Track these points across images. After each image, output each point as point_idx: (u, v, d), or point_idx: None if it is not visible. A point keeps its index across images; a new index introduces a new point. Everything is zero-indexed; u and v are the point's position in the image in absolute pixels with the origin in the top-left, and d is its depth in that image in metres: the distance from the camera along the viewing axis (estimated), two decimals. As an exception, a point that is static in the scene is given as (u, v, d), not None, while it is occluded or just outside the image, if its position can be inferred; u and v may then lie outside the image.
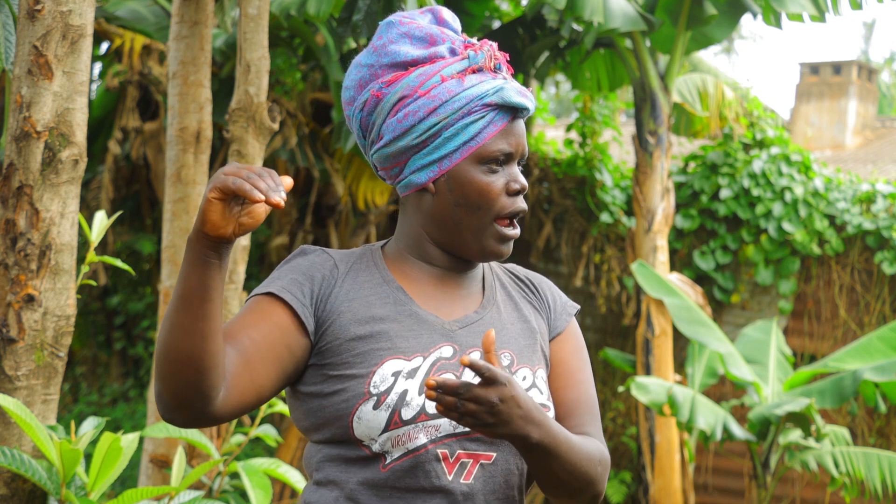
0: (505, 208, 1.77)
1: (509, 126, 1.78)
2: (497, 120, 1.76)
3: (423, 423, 1.68)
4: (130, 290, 10.62)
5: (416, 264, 1.82)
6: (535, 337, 1.83)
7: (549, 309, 1.88)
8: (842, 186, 9.23)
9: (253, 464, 3.20)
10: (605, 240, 9.78)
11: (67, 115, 2.55)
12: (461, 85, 1.75)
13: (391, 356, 1.71)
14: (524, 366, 1.78)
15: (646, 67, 8.10)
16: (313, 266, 1.78)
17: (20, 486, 2.55)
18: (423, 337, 1.74)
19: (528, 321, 1.84)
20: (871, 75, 15.44)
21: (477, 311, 1.81)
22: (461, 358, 1.57)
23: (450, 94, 1.75)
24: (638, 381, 6.95)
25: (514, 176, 1.78)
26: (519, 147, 1.79)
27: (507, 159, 1.78)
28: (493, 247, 1.78)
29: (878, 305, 8.97)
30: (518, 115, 1.79)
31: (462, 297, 1.82)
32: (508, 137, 1.77)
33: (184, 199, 4.01)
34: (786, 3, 7.53)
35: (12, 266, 2.54)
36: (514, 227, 1.80)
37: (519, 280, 1.91)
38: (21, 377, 2.55)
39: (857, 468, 6.81)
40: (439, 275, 1.82)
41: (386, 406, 1.68)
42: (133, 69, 8.91)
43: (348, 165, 9.30)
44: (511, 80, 1.80)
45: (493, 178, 1.77)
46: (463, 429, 1.70)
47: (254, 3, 3.70)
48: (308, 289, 1.75)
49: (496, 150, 1.76)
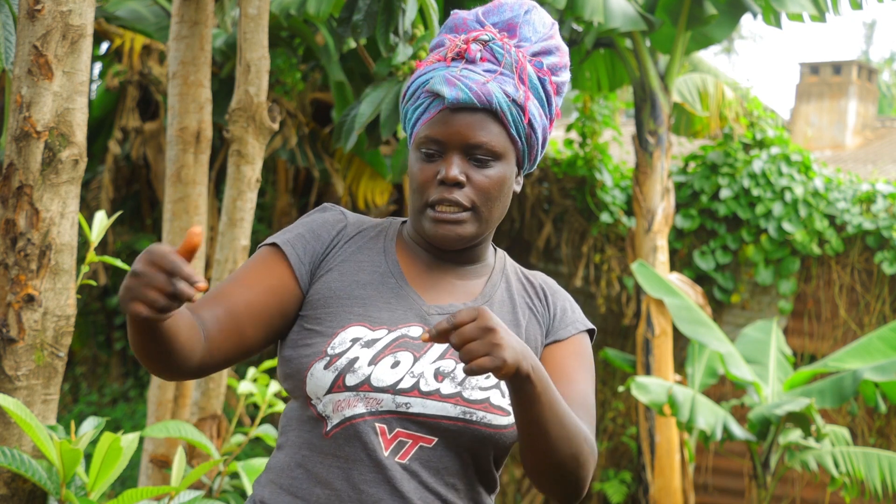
0: (432, 196, 1.76)
1: (443, 114, 1.75)
2: (432, 107, 1.77)
3: (364, 393, 1.70)
4: (130, 290, 10.61)
5: (415, 247, 1.85)
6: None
7: (552, 318, 1.85)
8: (842, 186, 9.23)
9: (253, 464, 3.20)
10: (605, 240, 9.77)
11: (67, 115, 2.55)
12: (420, 71, 1.79)
13: (358, 322, 1.74)
14: None
15: (646, 67, 8.10)
16: (325, 224, 1.84)
17: (20, 486, 2.55)
18: (396, 312, 1.76)
19: (518, 325, 1.82)
20: (871, 75, 15.44)
21: (466, 303, 1.81)
22: (421, 335, 1.54)
23: (412, 80, 1.80)
24: (638, 381, 6.95)
25: (447, 165, 1.75)
26: (453, 137, 1.74)
27: (441, 147, 1.76)
28: (428, 229, 1.77)
29: (878, 305, 8.97)
30: (454, 103, 1.74)
31: (456, 287, 1.83)
32: (439, 125, 1.75)
33: (184, 199, 4.01)
34: (786, 3, 7.53)
35: (12, 266, 2.54)
36: (445, 211, 1.76)
37: (530, 285, 1.89)
38: (21, 377, 2.55)
39: (857, 468, 6.81)
40: (432, 260, 1.83)
41: (334, 368, 1.71)
42: (133, 69, 8.92)
43: (348, 165, 9.30)
44: (473, 69, 1.75)
45: (424, 165, 1.77)
46: (406, 409, 1.70)
47: (254, 3, 3.70)
48: (311, 246, 1.81)
49: (423, 136, 1.77)
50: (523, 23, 1.80)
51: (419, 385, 1.71)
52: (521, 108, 1.76)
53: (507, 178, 1.79)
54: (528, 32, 1.79)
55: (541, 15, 1.82)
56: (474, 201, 1.76)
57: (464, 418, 1.71)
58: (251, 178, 3.72)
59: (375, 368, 1.71)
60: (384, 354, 1.72)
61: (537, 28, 1.80)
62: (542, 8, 1.84)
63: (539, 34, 1.80)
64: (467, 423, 1.71)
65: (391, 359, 1.72)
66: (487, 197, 1.76)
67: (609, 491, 9.19)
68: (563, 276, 9.92)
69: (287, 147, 8.62)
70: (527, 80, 1.77)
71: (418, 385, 1.71)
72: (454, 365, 1.73)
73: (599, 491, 9.44)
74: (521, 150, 1.80)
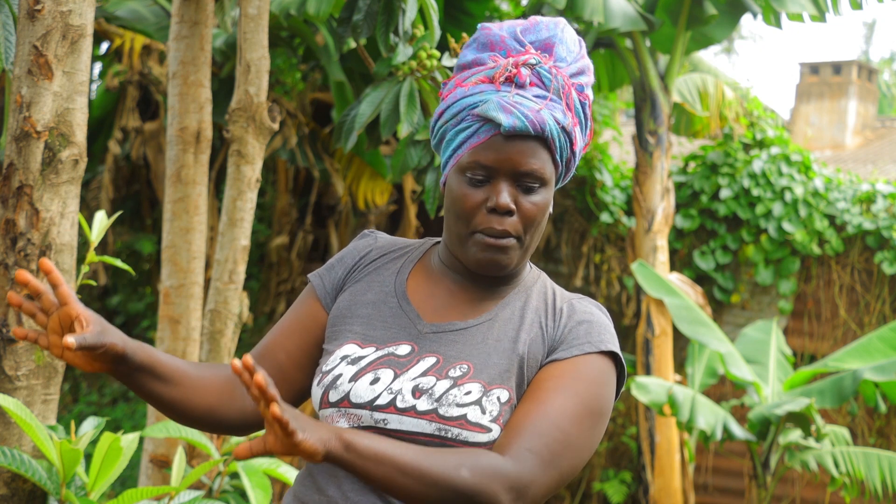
0: (480, 224, 1.73)
1: (494, 140, 1.72)
2: (482, 132, 1.73)
3: (345, 409, 1.73)
4: (130, 290, 10.63)
5: (442, 268, 1.84)
6: (515, 360, 1.74)
7: (559, 338, 1.77)
8: (842, 186, 9.23)
9: (253, 464, 3.20)
10: (605, 240, 9.77)
11: (67, 115, 2.55)
12: (464, 92, 1.75)
13: (352, 340, 1.78)
14: (477, 381, 1.71)
15: (646, 67, 8.10)
16: (353, 250, 1.90)
17: (20, 486, 2.55)
18: (390, 330, 1.77)
19: (516, 343, 1.76)
20: (871, 75, 15.44)
21: (467, 321, 1.79)
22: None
23: (453, 100, 1.76)
24: (638, 381, 6.95)
25: (496, 192, 1.72)
26: (504, 164, 1.72)
27: (489, 173, 1.73)
28: (475, 256, 1.75)
29: (878, 305, 8.97)
30: (511, 131, 1.71)
31: (465, 306, 1.80)
32: (489, 151, 1.72)
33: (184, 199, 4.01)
34: (786, 3, 7.53)
35: (12, 266, 2.54)
36: (496, 238, 1.74)
37: (552, 305, 1.82)
38: (21, 377, 2.55)
39: (857, 468, 6.81)
40: (463, 281, 1.81)
41: (322, 385, 1.76)
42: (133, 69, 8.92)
43: (348, 165, 9.29)
44: (525, 95, 1.72)
45: (471, 191, 1.74)
46: (384, 424, 1.71)
47: (254, 3, 3.70)
48: (336, 272, 1.88)
49: (473, 161, 1.73)
50: (558, 42, 1.78)
51: (395, 402, 1.71)
52: (569, 134, 1.76)
53: (549, 203, 1.78)
54: (563, 52, 1.78)
55: (571, 33, 1.81)
56: (520, 230, 1.75)
57: (439, 435, 1.69)
58: (251, 178, 3.72)
59: (355, 385, 1.73)
60: (365, 371, 1.73)
61: (570, 47, 1.79)
62: (570, 26, 1.83)
63: (573, 54, 1.79)
64: (443, 440, 1.69)
65: (371, 375, 1.73)
66: (533, 224, 1.75)
67: (609, 491, 9.19)
68: (563, 276, 9.92)
69: (287, 147, 8.62)
70: (573, 106, 1.76)
71: (395, 402, 1.71)
72: (434, 382, 1.72)
73: (599, 491, 9.44)
74: (560, 173, 1.80)
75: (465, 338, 1.76)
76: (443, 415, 1.69)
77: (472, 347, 1.75)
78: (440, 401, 1.70)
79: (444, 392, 1.70)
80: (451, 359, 1.74)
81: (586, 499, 9.60)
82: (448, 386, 1.71)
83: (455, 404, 1.70)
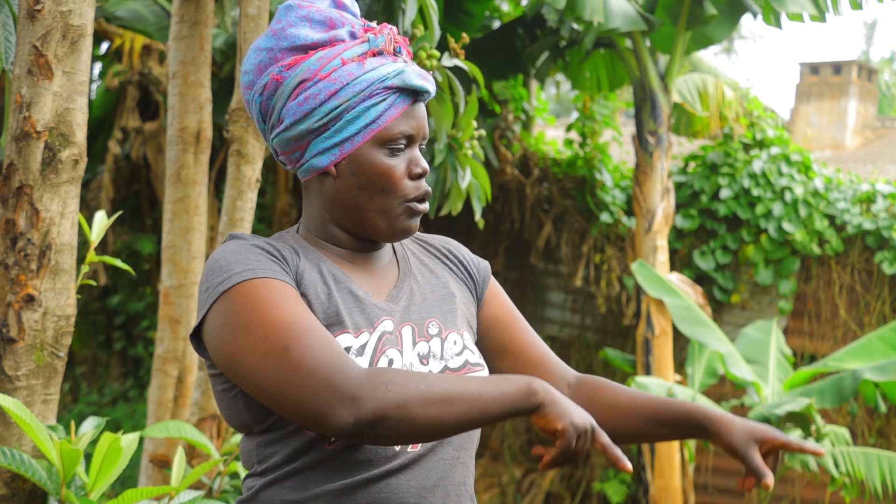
0: (410, 193, 1.78)
1: (410, 109, 1.78)
2: (398, 103, 1.76)
3: None
4: (130, 290, 10.63)
5: (327, 247, 1.83)
6: (456, 302, 1.86)
7: (473, 273, 1.94)
8: (842, 186, 9.23)
9: (253, 464, 3.19)
10: (605, 240, 9.77)
11: (67, 115, 2.55)
12: (362, 68, 1.75)
13: (342, 331, 1.73)
14: (452, 331, 1.82)
15: (646, 67, 8.10)
16: (270, 249, 1.74)
17: (20, 486, 2.56)
18: (366, 312, 1.77)
19: (447, 286, 1.88)
20: (871, 75, 15.44)
21: (397, 285, 1.84)
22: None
23: (350, 77, 1.74)
24: (638, 381, 6.96)
25: (415, 159, 1.79)
26: (420, 129, 1.79)
27: (409, 142, 1.78)
28: (402, 225, 1.80)
29: (878, 305, 8.97)
30: (419, 97, 1.79)
31: (379, 274, 1.85)
32: (409, 120, 1.78)
33: (184, 199, 4.01)
34: (786, 3, 7.53)
35: (12, 266, 2.54)
36: (423, 202, 1.81)
37: (434, 248, 1.95)
38: (21, 377, 2.55)
39: (857, 468, 6.81)
40: (349, 256, 1.84)
41: None
42: (133, 69, 8.92)
43: (348, 165, 9.29)
44: (411, 63, 1.81)
45: (394, 162, 1.77)
46: None
47: (254, 3, 3.70)
48: (286, 269, 1.73)
49: (397, 132, 1.76)
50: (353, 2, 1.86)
51: None
52: None
53: None
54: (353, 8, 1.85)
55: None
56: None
57: None
58: (251, 178, 3.72)
59: None
60: (377, 358, 1.73)
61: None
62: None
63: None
64: None
65: (385, 359, 1.73)
66: None
67: (609, 491, 9.19)
68: (563, 276, 9.92)
69: (287, 147, 8.61)
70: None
71: None
72: (427, 345, 1.78)
73: (599, 491, 9.44)
74: None
75: (411, 299, 1.82)
76: (453, 367, 1.78)
77: (422, 305, 1.83)
78: (443, 358, 1.78)
79: (440, 350, 1.79)
80: (420, 321, 1.80)
81: (586, 499, 9.60)
82: (439, 343, 1.79)
83: (454, 355, 1.79)
